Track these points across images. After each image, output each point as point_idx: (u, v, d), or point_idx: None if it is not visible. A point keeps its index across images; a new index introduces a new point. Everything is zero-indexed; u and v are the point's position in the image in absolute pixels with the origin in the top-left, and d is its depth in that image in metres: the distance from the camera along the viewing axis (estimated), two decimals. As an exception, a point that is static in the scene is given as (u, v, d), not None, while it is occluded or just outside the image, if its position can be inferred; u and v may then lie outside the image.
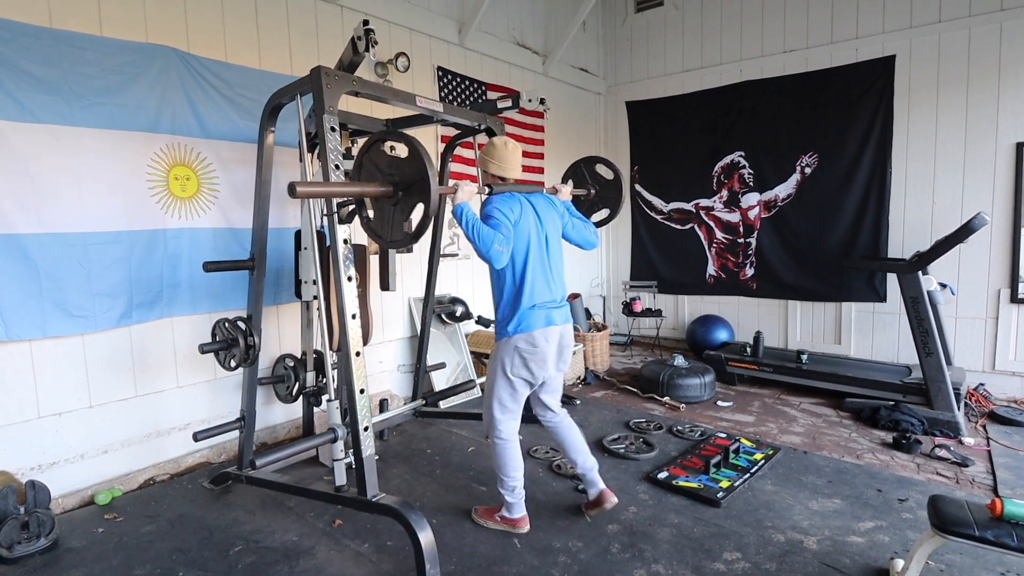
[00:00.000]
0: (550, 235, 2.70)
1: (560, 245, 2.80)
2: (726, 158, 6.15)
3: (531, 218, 2.62)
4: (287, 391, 3.63)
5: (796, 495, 3.10)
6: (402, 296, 4.78)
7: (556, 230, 2.78)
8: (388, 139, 2.10)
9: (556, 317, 2.65)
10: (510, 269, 2.57)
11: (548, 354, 2.65)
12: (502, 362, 2.64)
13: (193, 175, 3.42)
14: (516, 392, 2.69)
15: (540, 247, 2.64)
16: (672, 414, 4.49)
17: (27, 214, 2.82)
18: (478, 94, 5.33)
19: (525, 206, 2.62)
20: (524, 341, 2.58)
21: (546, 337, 2.61)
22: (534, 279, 2.59)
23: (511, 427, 2.73)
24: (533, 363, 2.62)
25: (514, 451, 2.72)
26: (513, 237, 2.49)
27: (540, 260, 2.63)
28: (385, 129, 2.16)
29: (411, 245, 2.18)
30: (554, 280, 2.70)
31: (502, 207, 2.51)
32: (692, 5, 6.33)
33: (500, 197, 2.57)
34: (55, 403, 3.03)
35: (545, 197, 2.81)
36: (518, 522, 2.75)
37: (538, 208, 2.69)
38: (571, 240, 2.92)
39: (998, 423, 4.19)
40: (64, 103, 2.89)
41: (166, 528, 2.85)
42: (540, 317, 2.59)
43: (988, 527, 1.95)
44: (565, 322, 2.71)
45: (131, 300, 3.21)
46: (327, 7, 4.12)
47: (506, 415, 2.71)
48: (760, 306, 6.13)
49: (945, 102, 4.93)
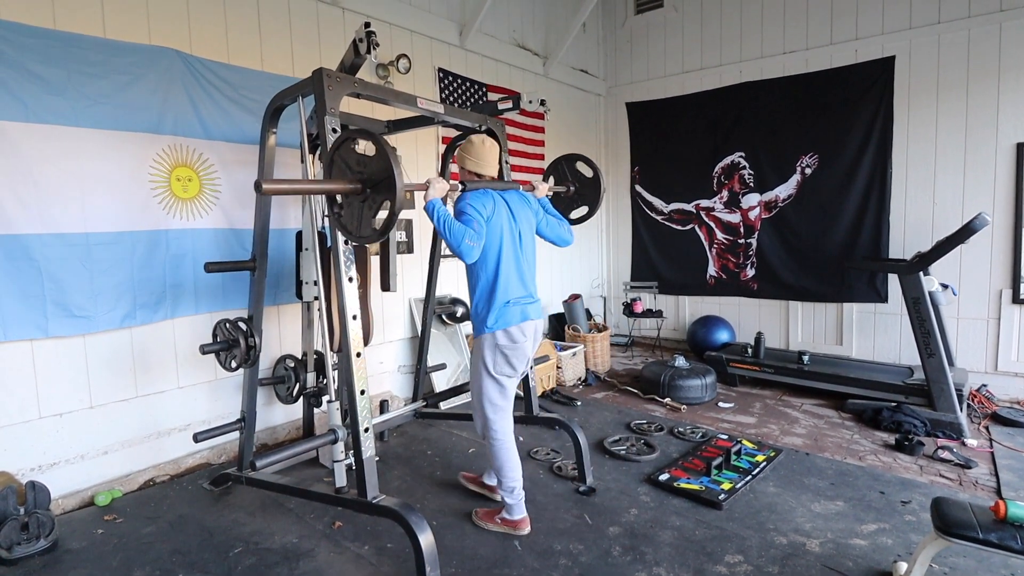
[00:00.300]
0: (523, 231, 2.75)
1: (533, 242, 2.86)
2: (726, 159, 6.15)
3: (504, 214, 2.66)
4: (288, 392, 3.62)
5: (798, 497, 3.09)
6: (403, 297, 4.78)
7: (530, 227, 2.82)
8: (356, 137, 2.11)
9: (531, 312, 2.71)
10: (484, 264, 2.62)
11: (527, 348, 2.71)
12: (484, 361, 2.67)
13: (195, 176, 3.42)
14: (504, 388, 2.73)
15: (513, 243, 2.68)
16: (673, 415, 4.49)
17: (29, 214, 2.82)
18: (479, 95, 5.33)
19: (498, 202, 2.66)
20: (504, 337, 2.63)
21: (523, 332, 2.67)
22: (508, 275, 2.64)
23: (505, 425, 2.74)
24: (515, 358, 2.68)
25: (511, 450, 2.74)
26: (485, 233, 2.52)
27: (513, 256, 2.67)
28: (355, 128, 2.17)
29: (380, 240, 2.20)
30: (527, 275, 2.76)
31: (475, 203, 2.54)
32: (692, 6, 6.33)
33: (474, 194, 2.61)
34: (56, 403, 3.02)
35: (519, 194, 2.85)
36: (519, 523, 2.74)
37: (512, 205, 2.73)
38: (545, 237, 2.97)
39: (1001, 424, 4.18)
40: (67, 104, 2.90)
41: (166, 529, 2.85)
42: (516, 313, 2.64)
43: (992, 530, 1.94)
44: (538, 317, 2.78)
45: (134, 301, 3.21)
46: (329, 9, 4.13)
47: (498, 413, 2.73)
48: (761, 307, 6.13)
49: (945, 103, 4.93)
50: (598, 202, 3.41)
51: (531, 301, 2.74)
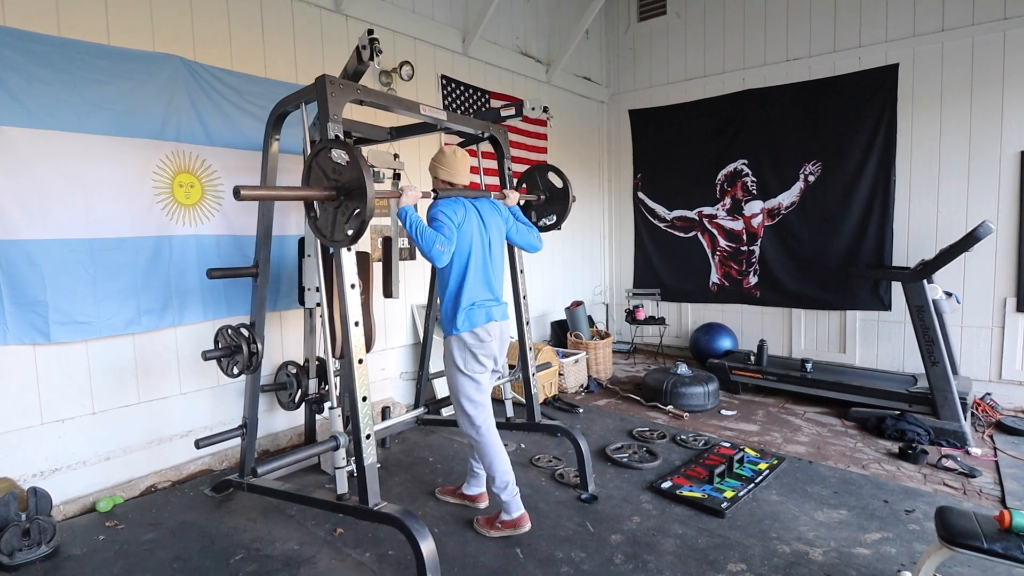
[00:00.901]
0: (493, 238, 2.84)
1: (502, 248, 2.95)
2: (729, 166, 6.15)
3: (475, 221, 2.76)
4: (289, 398, 3.62)
5: (801, 506, 3.08)
6: (405, 303, 4.78)
7: (499, 234, 2.91)
8: (332, 147, 2.22)
9: (495, 313, 2.80)
10: (453, 268, 2.70)
11: (493, 348, 2.80)
12: (455, 361, 2.75)
13: (198, 182, 3.43)
14: (480, 384, 2.79)
15: (483, 249, 2.77)
16: (676, 423, 4.47)
17: (32, 220, 2.83)
18: (482, 102, 5.35)
19: (470, 210, 2.76)
20: (471, 338, 2.71)
21: (488, 332, 2.75)
22: (475, 279, 2.73)
23: (486, 418, 2.80)
24: (483, 356, 2.76)
25: (496, 444, 2.79)
26: (456, 238, 2.61)
27: (482, 261, 2.76)
28: (331, 139, 2.24)
29: (352, 244, 2.32)
30: (494, 280, 2.84)
31: (446, 210, 2.64)
32: (695, 14, 6.35)
33: (445, 201, 2.71)
34: (58, 409, 3.03)
35: (491, 202, 2.95)
36: (518, 521, 2.76)
37: (482, 212, 2.83)
38: (515, 243, 3.08)
39: (1005, 433, 4.15)
40: (71, 110, 2.91)
41: (167, 536, 2.84)
42: (481, 315, 2.73)
43: (997, 539, 1.93)
44: (503, 319, 2.86)
45: (138, 307, 3.22)
46: (332, 16, 4.15)
47: (478, 408, 2.79)
48: (764, 314, 6.11)
49: (949, 110, 4.93)
50: (566, 212, 3.52)
51: (496, 304, 2.83)
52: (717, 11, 6.18)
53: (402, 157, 3.20)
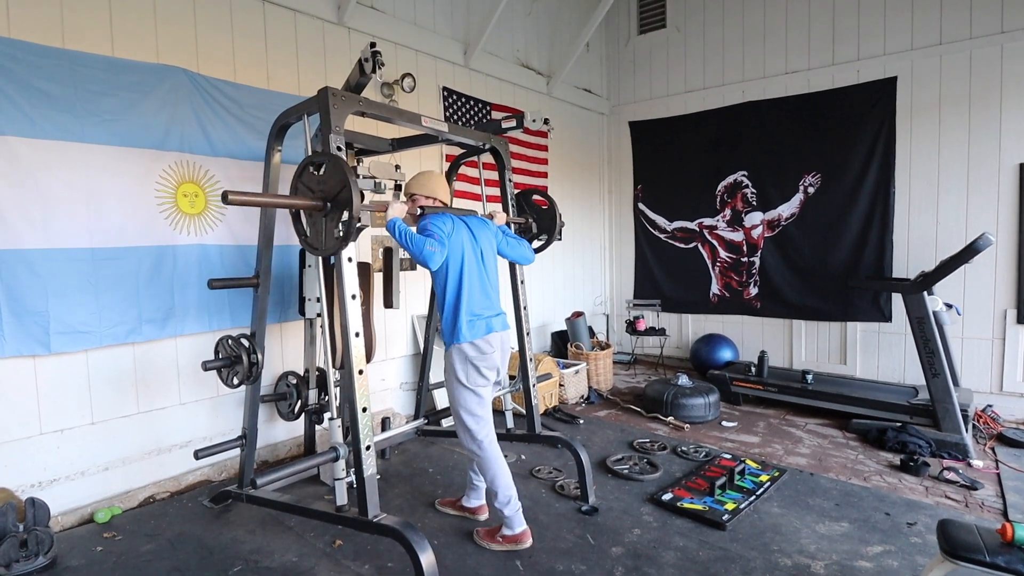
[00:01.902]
0: (485, 250, 2.86)
1: (495, 259, 2.96)
2: (729, 178, 6.18)
3: (464, 233, 2.78)
4: (289, 409, 3.62)
5: (803, 518, 3.06)
6: (405, 314, 4.78)
7: (491, 246, 2.93)
8: (314, 161, 2.29)
9: (495, 324, 2.81)
10: (448, 278, 2.71)
11: (496, 359, 2.79)
12: (456, 374, 2.73)
13: (201, 192, 3.45)
14: (481, 398, 2.78)
15: (475, 259, 2.78)
16: (676, 434, 4.46)
17: (34, 229, 2.84)
18: (483, 114, 5.38)
19: (458, 223, 2.78)
20: (472, 349, 2.70)
21: (490, 343, 2.75)
22: (471, 289, 2.73)
23: (487, 432, 2.79)
24: (485, 368, 2.75)
25: (498, 458, 2.77)
26: (448, 245, 2.62)
27: (477, 271, 2.77)
28: (312, 155, 2.32)
29: (342, 249, 2.35)
30: (491, 290, 2.86)
31: (435, 222, 2.67)
32: (694, 27, 6.41)
33: (433, 215, 2.74)
34: (57, 419, 3.02)
35: (479, 219, 2.98)
36: (520, 537, 2.74)
37: (471, 225, 2.86)
38: (507, 256, 3.10)
39: (1007, 445, 4.13)
40: (75, 120, 2.93)
41: (165, 547, 2.83)
42: (482, 326, 2.73)
43: (999, 552, 1.92)
44: (504, 329, 2.87)
45: (140, 316, 3.22)
46: (335, 29, 4.19)
47: (479, 422, 2.77)
48: (764, 325, 6.11)
49: (948, 123, 4.96)
50: (555, 231, 3.55)
51: (496, 314, 2.83)
52: (716, 24, 6.23)
53: (404, 168, 3.22)
